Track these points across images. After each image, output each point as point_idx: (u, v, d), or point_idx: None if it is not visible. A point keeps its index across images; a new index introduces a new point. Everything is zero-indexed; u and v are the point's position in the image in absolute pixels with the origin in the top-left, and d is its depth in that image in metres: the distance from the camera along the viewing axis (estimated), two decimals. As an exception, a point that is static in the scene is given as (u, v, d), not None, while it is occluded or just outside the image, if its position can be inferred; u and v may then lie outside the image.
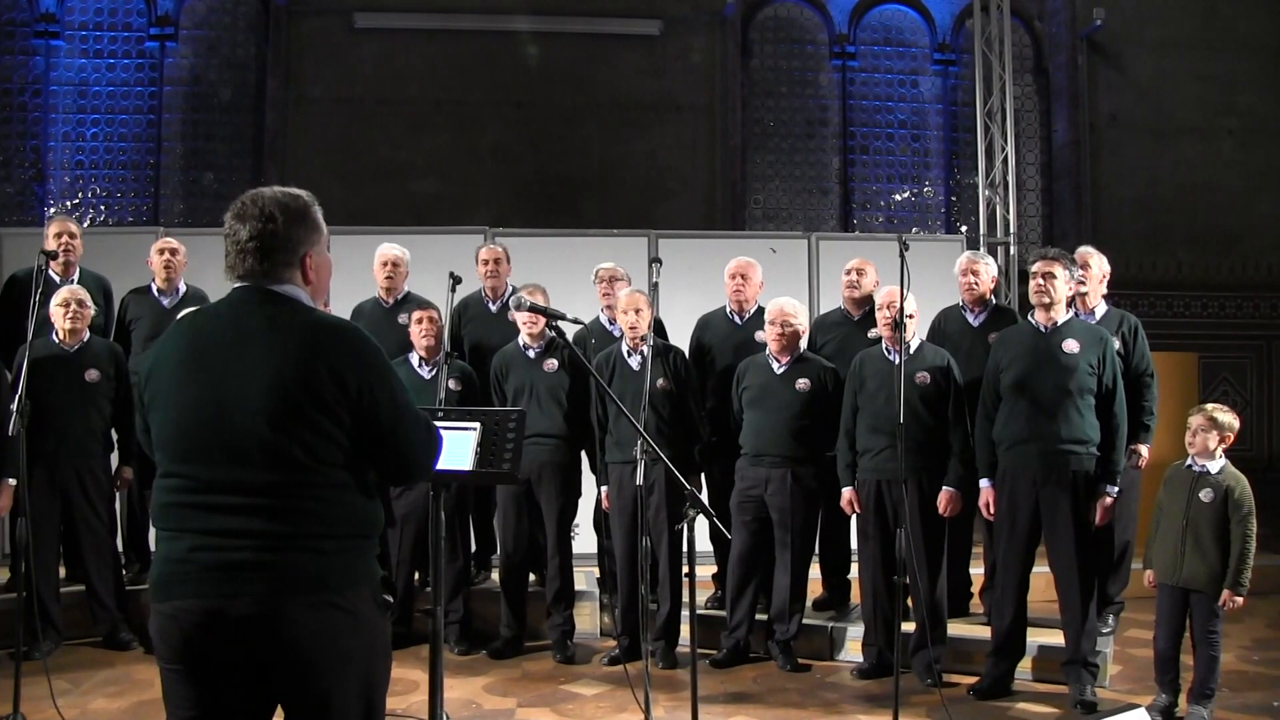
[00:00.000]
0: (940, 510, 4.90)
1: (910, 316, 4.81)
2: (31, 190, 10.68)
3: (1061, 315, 4.69)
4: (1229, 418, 4.42)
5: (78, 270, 5.81)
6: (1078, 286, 4.98)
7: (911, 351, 4.93)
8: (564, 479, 5.36)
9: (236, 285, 2.29)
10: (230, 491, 2.13)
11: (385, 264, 5.92)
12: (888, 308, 4.83)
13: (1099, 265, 5.21)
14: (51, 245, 5.53)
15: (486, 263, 5.98)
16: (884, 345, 4.99)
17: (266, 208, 2.27)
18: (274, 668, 2.14)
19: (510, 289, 5.95)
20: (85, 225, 10.49)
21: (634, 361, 5.22)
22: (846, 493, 5.07)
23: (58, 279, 5.62)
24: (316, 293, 2.35)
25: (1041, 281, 4.65)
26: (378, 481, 2.31)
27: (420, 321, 5.43)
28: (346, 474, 2.21)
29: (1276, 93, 11.67)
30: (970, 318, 5.46)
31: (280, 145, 10.82)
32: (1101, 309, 5.17)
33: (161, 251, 5.87)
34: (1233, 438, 4.43)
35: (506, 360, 5.45)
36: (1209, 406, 4.48)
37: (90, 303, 5.41)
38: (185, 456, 2.19)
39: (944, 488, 4.89)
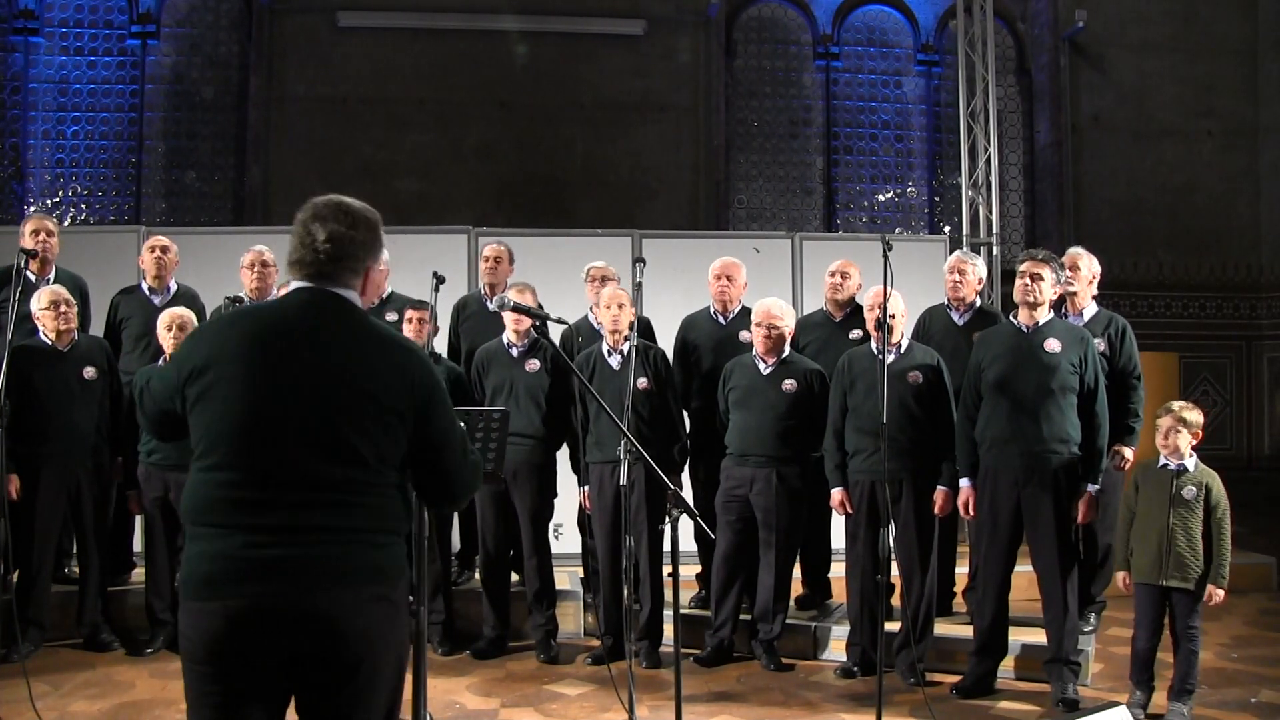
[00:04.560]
0: (936, 510, 4.91)
1: (893, 316, 4.82)
2: (11, 189, 10.60)
3: (1044, 316, 4.69)
4: (1196, 415, 4.43)
5: (54, 269, 5.75)
6: (1066, 287, 5.00)
7: (901, 351, 4.95)
8: (539, 479, 5.33)
9: (300, 285, 2.32)
10: (297, 487, 2.17)
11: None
12: (877, 307, 4.82)
13: (1088, 266, 5.22)
14: (29, 243, 5.49)
15: (487, 259, 5.97)
16: (872, 345, 4.98)
17: (351, 214, 2.35)
18: (319, 660, 2.16)
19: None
20: (66, 224, 10.43)
21: (614, 361, 5.22)
22: (837, 494, 5.05)
23: (33, 277, 5.58)
24: (367, 303, 2.43)
25: (1029, 282, 4.65)
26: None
27: (410, 321, 5.42)
28: (398, 475, 2.32)
29: (1255, 95, 11.77)
30: (955, 317, 5.48)
31: (263, 144, 10.78)
32: (1091, 310, 5.18)
33: (153, 249, 5.82)
34: (1201, 434, 4.45)
35: (488, 356, 5.43)
36: (1176, 406, 4.46)
37: (73, 300, 5.38)
38: (248, 450, 2.18)
39: (939, 487, 4.90)
